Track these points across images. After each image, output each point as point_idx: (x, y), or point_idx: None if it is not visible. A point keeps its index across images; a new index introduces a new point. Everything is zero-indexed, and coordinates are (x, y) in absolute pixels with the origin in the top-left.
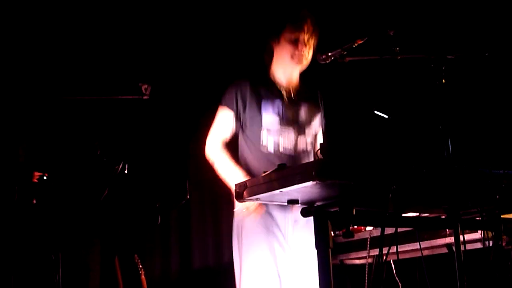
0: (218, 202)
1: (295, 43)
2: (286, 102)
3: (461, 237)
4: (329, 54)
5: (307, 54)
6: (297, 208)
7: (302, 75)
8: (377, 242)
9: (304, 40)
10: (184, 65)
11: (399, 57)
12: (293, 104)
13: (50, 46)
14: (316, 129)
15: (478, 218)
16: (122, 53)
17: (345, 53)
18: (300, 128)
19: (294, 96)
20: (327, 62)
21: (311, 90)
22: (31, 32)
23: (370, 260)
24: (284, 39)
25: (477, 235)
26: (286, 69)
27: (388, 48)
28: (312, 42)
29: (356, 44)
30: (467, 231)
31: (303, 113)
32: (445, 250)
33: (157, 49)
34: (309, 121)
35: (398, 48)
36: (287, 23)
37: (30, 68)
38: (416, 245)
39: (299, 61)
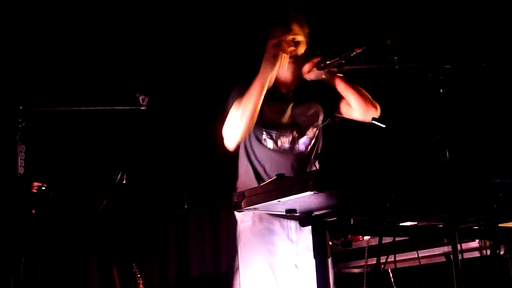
0: (216, 211)
1: (278, 46)
2: (285, 103)
3: (458, 246)
4: (327, 62)
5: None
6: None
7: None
8: (375, 250)
9: (289, 40)
10: (181, 75)
11: (397, 66)
12: (293, 105)
13: (47, 57)
14: (315, 130)
15: (475, 227)
16: (119, 64)
17: (343, 61)
18: (299, 128)
19: (292, 98)
20: (325, 70)
21: (311, 94)
22: (29, 43)
23: (368, 269)
24: (269, 44)
25: (475, 244)
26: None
27: (386, 57)
28: (303, 40)
29: (354, 53)
30: (465, 240)
31: (302, 114)
32: (443, 259)
33: (154, 60)
34: (308, 122)
35: (396, 57)
36: (270, 29)
37: (28, 79)
38: (414, 254)
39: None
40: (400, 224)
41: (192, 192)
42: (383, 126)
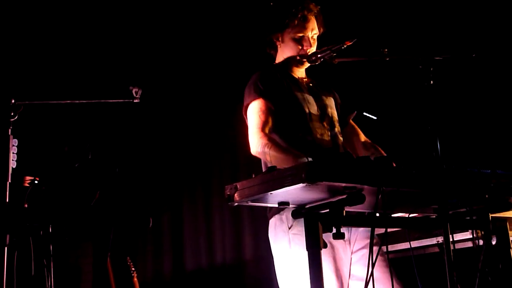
0: (210, 204)
1: (299, 41)
2: (311, 97)
3: (450, 236)
4: (319, 55)
5: (312, 50)
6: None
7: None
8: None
9: (308, 38)
10: (174, 67)
11: (387, 59)
12: (316, 95)
13: (39, 50)
14: (338, 119)
15: (467, 218)
16: (112, 56)
17: (334, 54)
18: (328, 118)
19: (313, 88)
20: (317, 63)
21: (323, 84)
22: (20, 37)
23: None
24: (288, 37)
25: (468, 234)
26: (295, 64)
27: (377, 49)
28: (316, 36)
29: (345, 46)
30: (457, 230)
31: (327, 103)
32: (436, 249)
33: (147, 52)
34: (333, 111)
35: (386, 50)
36: (290, 21)
37: (19, 72)
38: (407, 245)
39: (304, 58)
40: (393, 215)
41: (186, 186)
42: (375, 118)
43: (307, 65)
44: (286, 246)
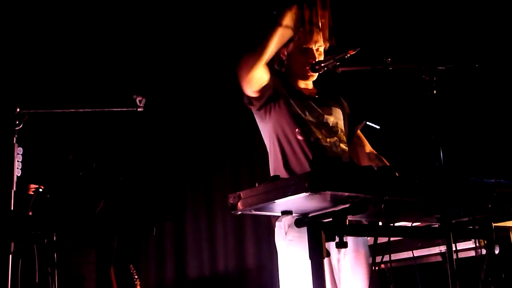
0: (213, 212)
1: (305, 52)
2: (313, 104)
3: (453, 246)
4: (322, 64)
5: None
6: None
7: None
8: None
9: (313, 50)
10: (178, 76)
11: (391, 68)
12: (318, 104)
13: (44, 59)
14: (345, 129)
15: (470, 227)
16: (116, 65)
17: (338, 63)
18: (327, 126)
19: (318, 100)
20: (320, 72)
21: (332, 95)
22: (25, 45)
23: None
24: (294, 49)
25: (471, 243)
26: (300, 77)
27: (380, 58)
28: (322, 49)
29: (348, 55)
30: (460, 239)
31: (329, 112)
32: (439, 258)
33: (151, 61)
34: (337, 120)
35: (390, 59)
36: (298, 32)
37: (25, 81)
38: (410, 254)
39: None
40: (395, 224)
41: (189, 194)
42: (378, 127)
43: (312, 79)
44: (284, 251)
